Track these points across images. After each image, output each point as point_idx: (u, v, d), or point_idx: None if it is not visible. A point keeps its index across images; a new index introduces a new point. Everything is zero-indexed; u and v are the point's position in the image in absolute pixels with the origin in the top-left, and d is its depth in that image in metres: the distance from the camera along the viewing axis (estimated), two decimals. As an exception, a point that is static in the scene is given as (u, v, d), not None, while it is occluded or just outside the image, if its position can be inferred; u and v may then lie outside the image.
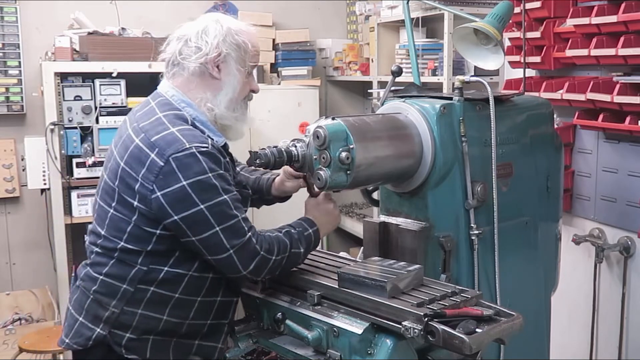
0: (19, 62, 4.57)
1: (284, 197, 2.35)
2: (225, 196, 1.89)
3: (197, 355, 2.06)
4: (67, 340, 2.04)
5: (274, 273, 2.00)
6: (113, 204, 1.97)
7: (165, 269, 1.96)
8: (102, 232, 2.00)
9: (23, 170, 4.45)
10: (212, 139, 1.96)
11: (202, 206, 1.86)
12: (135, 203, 1.91)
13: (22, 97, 4.58)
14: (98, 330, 1.97)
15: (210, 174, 1.88)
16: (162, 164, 1.86)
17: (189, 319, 2.02)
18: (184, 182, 1.85)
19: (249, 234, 1.91)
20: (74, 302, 2.07)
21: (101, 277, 1.99)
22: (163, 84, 2.08)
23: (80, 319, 2.02)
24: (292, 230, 2.04)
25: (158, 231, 1.92)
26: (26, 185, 4.30)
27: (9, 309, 4.48)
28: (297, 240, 2.02)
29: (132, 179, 1.91)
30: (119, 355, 1.97)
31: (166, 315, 1.98)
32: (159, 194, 1.86)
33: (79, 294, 2.05)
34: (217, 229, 1.87)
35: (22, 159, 4.38)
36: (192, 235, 1.88)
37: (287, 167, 2.09)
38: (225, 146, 2.04)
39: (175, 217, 1.87)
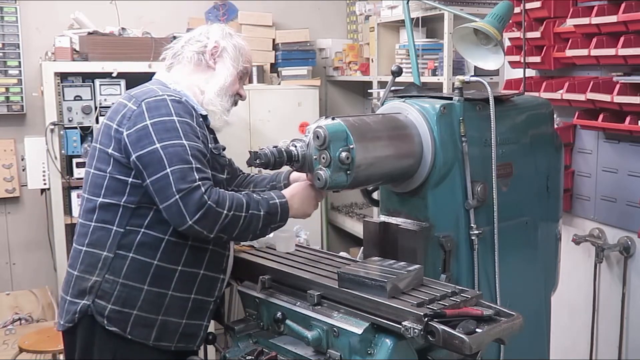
0: (19, 62, 4.56)
1: None
2: (185, 141, 1.95)
3: (183, 335, 2.07)
4: (62, 322, 2.09)
5: (230, 233, 1.97)
6: (93, 162, 2.07)
7: (142, 230, 2.01)
8: (85, 195, 2.09)
9: (23, 170, 4.44)
10: (193, 106, 2.08)
11: (157, 145, 1.92)
12: (110, 150, 2.01)
13: (22, 97, 4.57)
14: (83, 301, 2.03)
15: (175, 118, 1.98)
16: (135, 108, 2.00)
17: (171, 289, 2.03)
18: (148, 122, 1.96)
19: (199, 182, 1.90)
20: (63, 285, 2.13)
21: (84, 249, 2.05)
22: (158, 72, 2.24)
23: (68, 297, 2.08)
24: (255, 195, 2.04)
25: (130, 179, 2.00)
26: (26, 185, 4.29)
27: (9, 309, 4.48)
28: (257, 202, 2.00)
29: (110, 128, 2.03)
30: (102, 327, 2.00)
31: (147, 284, 2.01)
32: (125, 133, 1.98)
33: (67, 276, 2.12)
34: (168, 170, 1.90)
35: (22, 159, 4.37)
36: (147, 177, 1.94)
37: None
38: (205, 118, 2.13)
39: (134, 156, 1.95)
